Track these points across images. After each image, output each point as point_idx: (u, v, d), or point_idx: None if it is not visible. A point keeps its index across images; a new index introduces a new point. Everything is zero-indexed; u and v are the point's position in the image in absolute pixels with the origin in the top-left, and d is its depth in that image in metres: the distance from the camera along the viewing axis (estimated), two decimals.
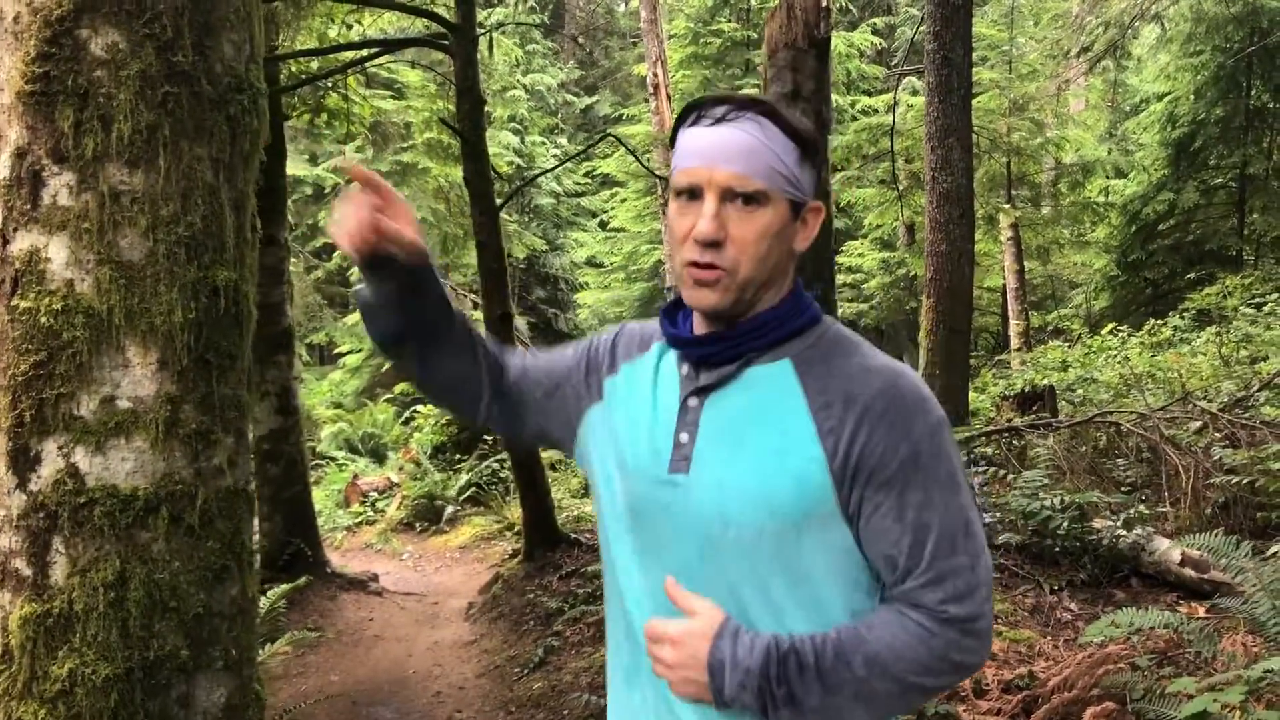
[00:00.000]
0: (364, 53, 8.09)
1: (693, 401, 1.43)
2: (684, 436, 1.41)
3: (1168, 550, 4.79)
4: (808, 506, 1.33)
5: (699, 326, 1.46)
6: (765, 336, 1.40)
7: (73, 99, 1.86)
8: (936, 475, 1.32)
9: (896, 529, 1.31)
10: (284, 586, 4.85)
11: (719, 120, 1.36)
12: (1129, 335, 11.98)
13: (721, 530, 1.35)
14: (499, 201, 7.76)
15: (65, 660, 1.84)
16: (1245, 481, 5.14)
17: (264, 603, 4.58)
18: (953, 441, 1.37)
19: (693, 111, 1.40)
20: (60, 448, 1.88)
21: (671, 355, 1.51)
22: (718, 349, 1.41)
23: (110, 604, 1.86)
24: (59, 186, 1.89)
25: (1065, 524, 5.08)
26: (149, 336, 1.90)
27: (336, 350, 20.69)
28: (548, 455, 12.45)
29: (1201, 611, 4.34)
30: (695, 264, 1.35)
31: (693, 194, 1.36)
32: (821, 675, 1.29)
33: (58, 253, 1.89)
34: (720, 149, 1.34)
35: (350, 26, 8.97)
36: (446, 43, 7.50)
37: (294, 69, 8.24)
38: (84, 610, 1.85)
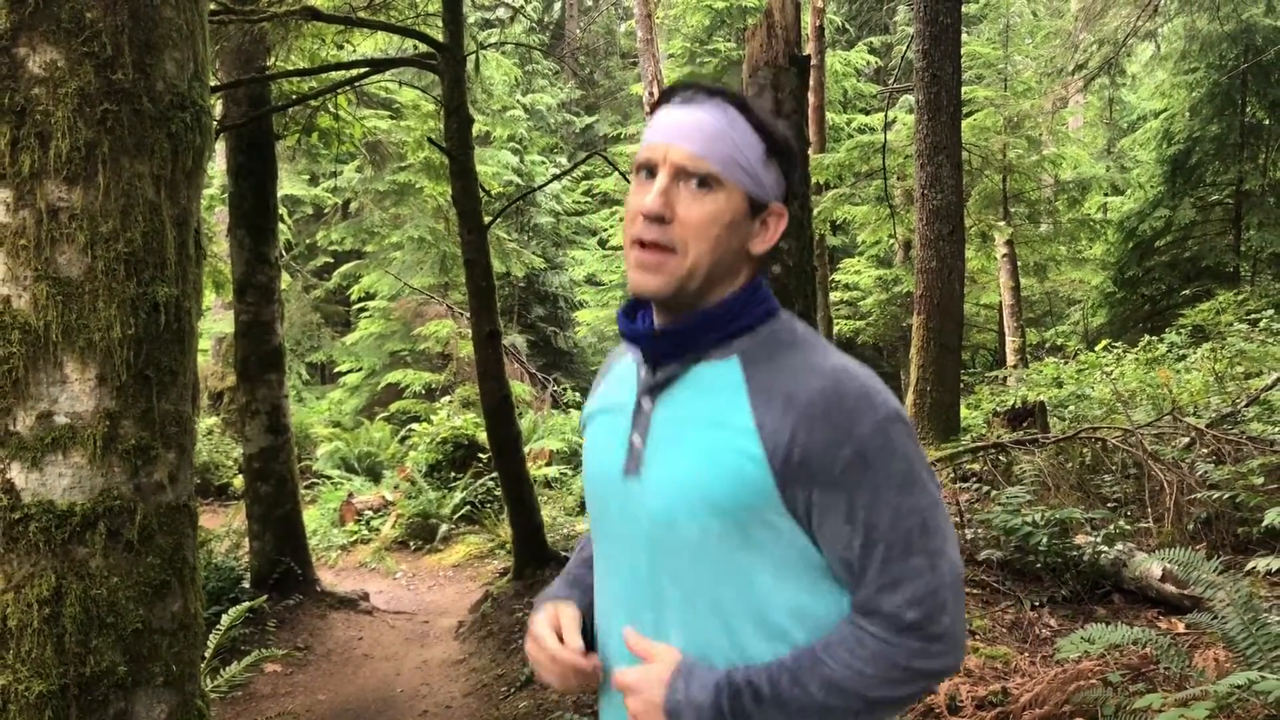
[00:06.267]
0: (353, 72, 8.11)
1: (645, 403, 1.40)
2: (636, 439, 1.39)
3: (1148, 566, 4.76)
4: (748, 504, 1.28)
5: (658, 321, 1.42)
6: (712, 331, 1.35)
7: (9, 116, 1.87)
8: (887, 473, 1.26)
9: (846, 531, 1.26)
10: (240, 607, 4.80)
11: (685, 101, 1.35)
12: (1124, 352, 11.97)
13: (667, 533, 1.32)
14: (487, 220, 7.76)
15: None
16: (1227, 497, 5.11)
17: (225, 619, 4.56)
18: (909, 436, 1.29)
19: (667, 95, 1.38)
20: None
21: (631, 360, 1.49)
22: (666, 345, 1.37)
23: (45, 620, 1.86)
24: None
25: (1046, 540, 5.05)
26: (87, 352, 1.91)
27: (336, 369, 20.71)
28: (538, 472, 12.45)
29: (1181, 627, 4.32)
30: (639, 242, 1.32)
31: (649, 171, 1.34)
32: (780, 704, 1.26)
33: None
34: (679, 127, 1.32)
35: (341, 47, 9.00)
36: (434, 62, 7.51)
37: (285, 88, 8.27)
38: (18, 626, 1.85)
